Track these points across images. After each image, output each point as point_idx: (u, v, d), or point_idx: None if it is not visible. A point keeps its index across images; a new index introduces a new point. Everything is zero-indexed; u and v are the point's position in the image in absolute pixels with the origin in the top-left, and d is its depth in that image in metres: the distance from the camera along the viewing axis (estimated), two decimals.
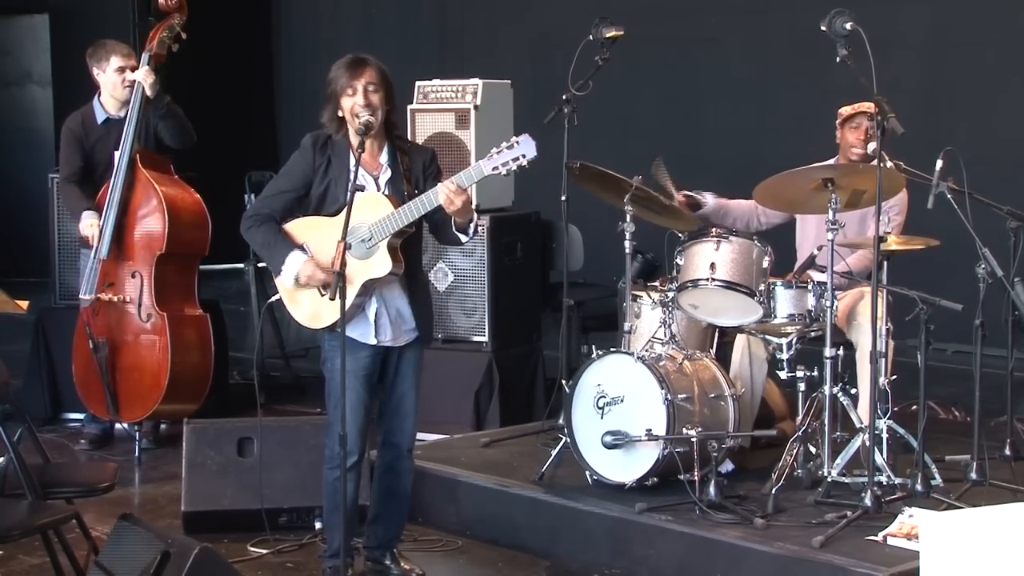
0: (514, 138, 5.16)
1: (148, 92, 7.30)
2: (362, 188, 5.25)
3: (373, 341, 5.38)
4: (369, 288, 5.29)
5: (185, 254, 7.47)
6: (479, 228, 7.38)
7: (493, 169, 5.15)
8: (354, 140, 5.21)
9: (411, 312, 5.40)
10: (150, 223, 7.34)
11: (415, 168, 5.42)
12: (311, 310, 5.38)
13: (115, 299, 7.40)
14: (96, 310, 7.43)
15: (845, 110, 6.70)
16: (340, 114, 5.27)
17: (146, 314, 7.34)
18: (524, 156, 5.12)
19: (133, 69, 7.43)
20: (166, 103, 7.46)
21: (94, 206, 7.44)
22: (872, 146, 6.16)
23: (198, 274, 7.64)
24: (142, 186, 7.35)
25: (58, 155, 7.98)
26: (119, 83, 7.48)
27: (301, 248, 5.28)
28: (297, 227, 5.37)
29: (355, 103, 5.21)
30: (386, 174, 5.37)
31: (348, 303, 5.13)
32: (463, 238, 5.38)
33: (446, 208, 5.09)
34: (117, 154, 7.37)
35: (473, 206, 5.28)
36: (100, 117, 7.59)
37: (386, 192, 5.31)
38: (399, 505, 5.72)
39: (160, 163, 7.50)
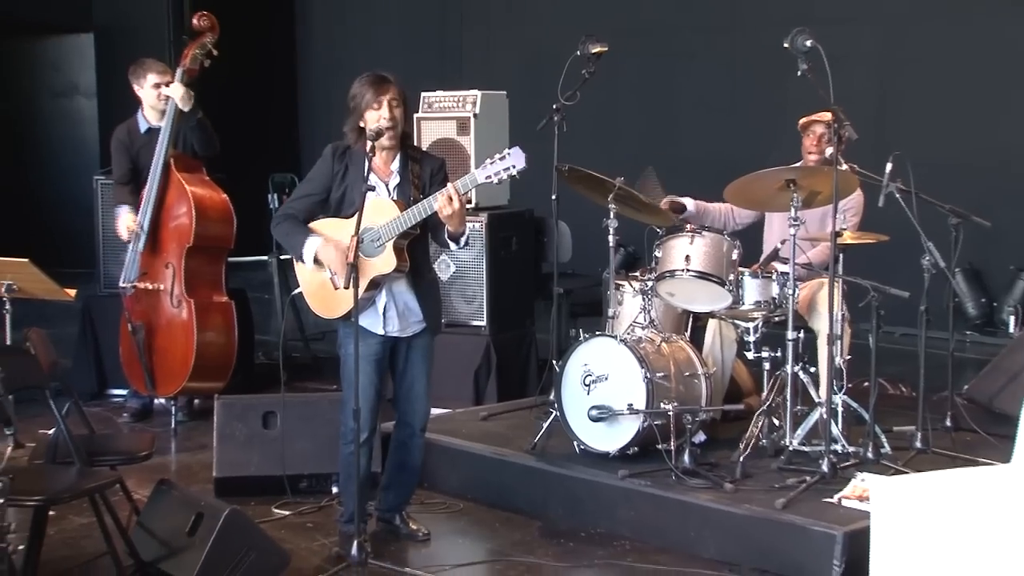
0: (506, 150, 5.16)
1: (181, 106, 7.31)
2: (372, 188, 5.27)
3: (382, 331, 5.39)
4: (378, 283, 5.30)
5: (212, 247, 7.46)
6: (477, 225, 7.46)
7: (486, 178, 5.15)
8: (367, 145, 5.23)
9: (418, 305, 5.40)
10: (180, 219, 7.36)
11: (424, 175, 5.41)
12: (327, 302, 5.41)
13: (150, 287, 7.41)
14: (136, 297, 7.46)
15: (804, 119, 6.72)
16: (361, 125, 5.28)
17: (176, 300, 7.35)
18: (514, 166, 5.12)
19: (168, 84, 7.43)
20: (198, 117, 7.47)
21: (134, 204, 7.48)
22: (829, 151, 6.17)
23: (226, 265, 7.63)
24: (175, 186, 7.37)
25: (102, 160, 8.01)
26: (155, 97, 7.50)
27: (316, 235, 5.31)
28: (319, 226, 5.38)
29: (380, 116, 5.23)
30: (395, 180, 5.38)
31: (359, 295, 5.17)
32: (453, 246, 5.39)
33: (441, 212, 5.08)
34: None
35: (466, 223, 5.26)
36: (143, 127, 7.62)
37: (394, 197, 5.32)
38: (410, 476, 5.75)
39: (192, 166, 7.51)
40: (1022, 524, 4.44)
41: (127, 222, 7.45)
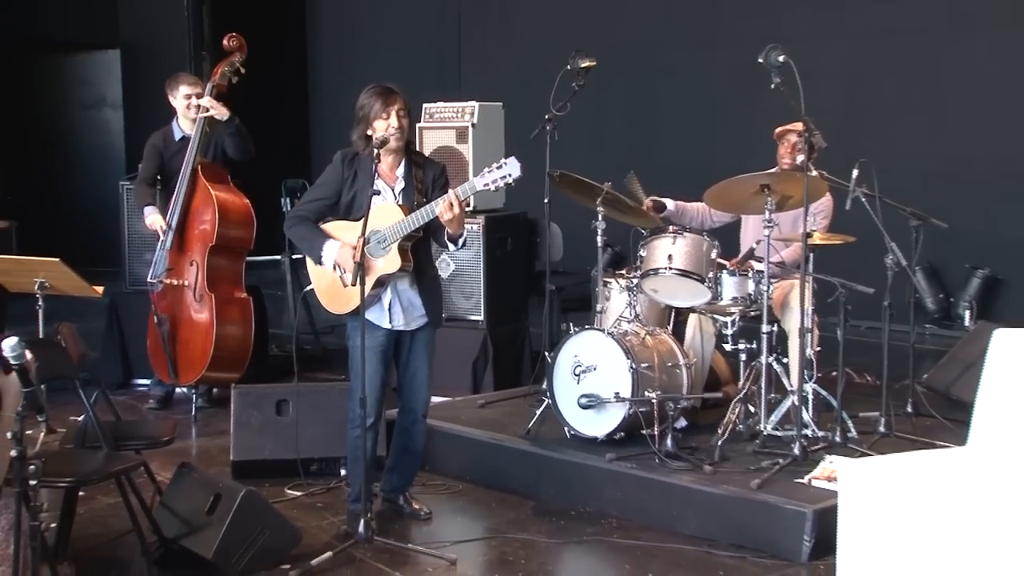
0: (503, 160, 5.17)
1: (217, 116, 7.33)
2: (378, 193, 5.28)
3: (387, 325, 5.40)
4: (384, 281, 5.31)
5: (233, 247, 7.47)
6: (475, 227, 7.45)
7: (484, 185, 5.16)
8: (373, 152, 5.24)
9: (420, 301, 5.41)
10: (205, 221, 7.37)
11: (427, 180, 5.42)
12: (337, 299, 5.41)
13: (176, 282, 7.44)
14: (162, 292, 7.48)
15: (779, 129, 6.72)
16: (369, 133, 5.28)
17: (198, 295, 7.37)
18: (510, 175, 5.13)
19: (199, 96, 7.45)
20: (236, 124, 7.46)
21: (156, 204, 7.49)
22: (800, 158, 6.18)
23: (245, 264, 7.63)
24: (201, 191, 7.39)
25: (128, 167, 8.02)
26: (185, 107, 7.52)
27: (333, 239, 5.32)
28: (330, 228, 5.39)
29: (389, 125, 5.23)
30: (400, 185, 5.38)
31: (366, 292, 5.18)
32: (452, 247, 5.39)
33: (442, 216, 5.08)
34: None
35: (464, 225, 5.26)
36: (177, 135, 7.63)
37: (399, 201, 5.32)
38: (412, 459, 5.75)
39: (218, 173, 7.52)
40: (976, 502, 4.46)
41: (159, 220, 7.45)
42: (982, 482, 4.65)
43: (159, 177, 7.58)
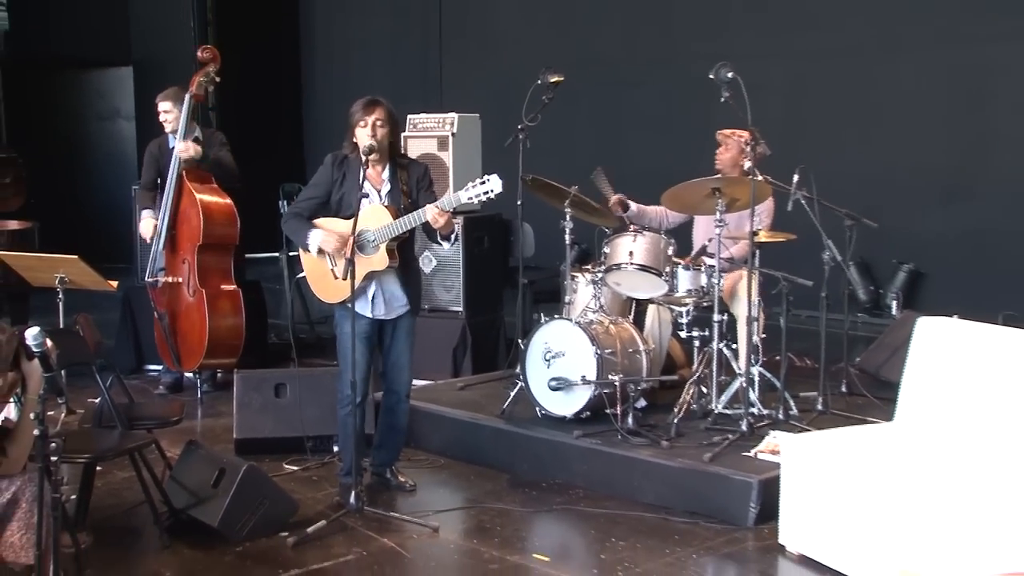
0: (486, 176, 5.18)
1: (195, 157, 7.18)
2: (367, 196, 5.28)
3: (371, 315, 5.41)
4: (371, 276, 5.33)
5: (220, 245, 7.34)
6: (456, 226, 7.41)
7: (468, 199, 5.18)
8: (361, 158, 5.24)
9: (403, 293, 5.42)
10: (191, 222, 7.26)
11: (411, 182, 5.42)
12: (328, 290, 5.41)
13: (171, 280, 7.35)
14: (160, 289, 7.41)
15: (719, 134, 6.73)
16: (355, 140, 5.29)
17: (192, 290, 7.28)
18: (492, 191, 5.16)
19: (167, 111, 7.32)
20: (210, 160, 7.35)
21: (154, 208, 7.42)
22: (747, 164, 6.19)
23: (235, 260, 7.51)
24: (186, 195, 7.27)
25: (139, 173, 7.96)
26: (166, 122, 7.39)
27: (319, 228, 5.34)
28: (322, 223, 5.39)
29: (366, 133, 5.24)
30: (386, 187, 5.38)
31: (357, 285, 5.19)
32: (445, 245, 5.48)
33: (434, 223, 5.12)
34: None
35: (453, 223, 5.28)
36: (171, 143, 7.48)
37: (385, 203, 5.32)
38: (397, 436, 5.76)
39: (202, 176, 7.37)
40: (902, 470, 4.49)
41: (149, 225, 7.40)
42: (907, 453, 4.70)
43: (159, 181, 7.50)
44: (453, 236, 5.42)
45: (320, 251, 5.33)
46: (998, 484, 4.25)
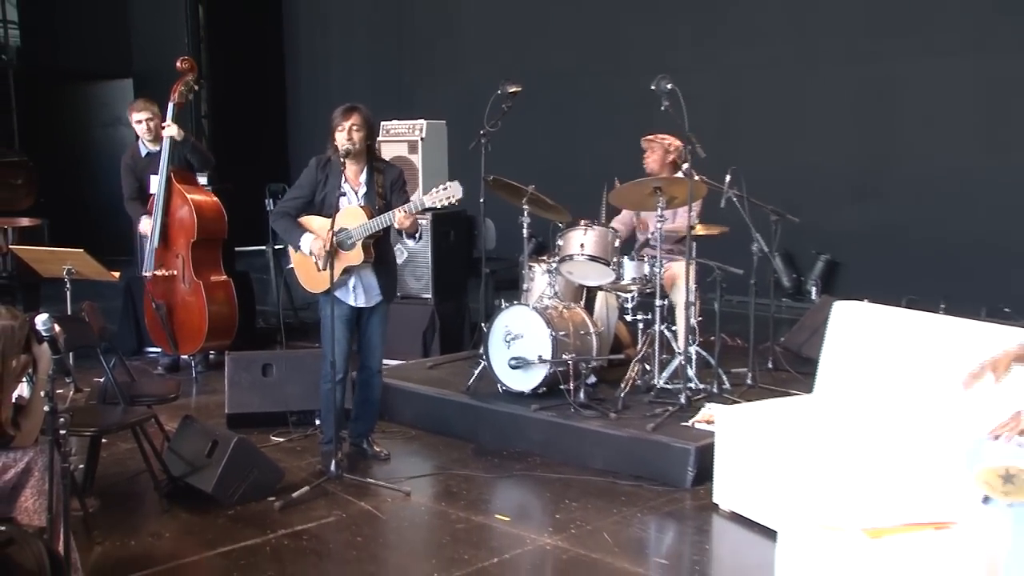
0: (448, 183, 5.15)
1: (177, 137, 7.14)
2: (344, 194, 5.26)
3: (351, 302, 5.41)
4: (350, 270, 5.31)
5: (210, 239, 7.30)
6: (425, 222, 7.42)
7: (432, 203, 5.14)
8: (343, 162, 5.23)
9: (378, 284, 5.41)
10: (183, 219, 7.21)
11: (386, 184, 5.38)
12: (313, 280, 5.40)
13: (166, 273, 7.28)
14: (155, 282, 7.33)
15: (644, 140, 6.74)
16: (336, 143, 5.25)
17: (188, 282, 7.23)
18: (454, 197, 5.13)
19: (148, 119, 7.24)
20: (191, 142, 7.32)
21: (148, 213, 7.32)
22: (686, 166, 6.21)
23: (224, 252, 7.48)
24: (177, 195, 7.21)
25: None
26: (141, 129, 7.31)
27: (309, 231, 5.31)
28: (306, 221, 5.37)
29: (342, 137, 5.21)
30: (363, 189, 5.35)
31: (335, 277, 5.19)
32: (410, 242, 5.47)
33: (400, 224, 5.09)
34: (155, 177, 7.23)
35: (418, 224, 5.27)
36: (143, 151, 7.40)
37: (361, 204, 5.30)
38: (372, 408, 5.75)
39: (188, 178, 7.34)
40: (821, 436, 4.54)
41: (147, 224, 7.30)
42: (825, 421, 4.75)
43: (141, 188, 7.41)
44: (418, 235, 5.40)
45: (309, 252, 5.32)
46: (903, 446, 4.30)
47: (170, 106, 7.21)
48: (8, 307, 3.80)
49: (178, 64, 7.33)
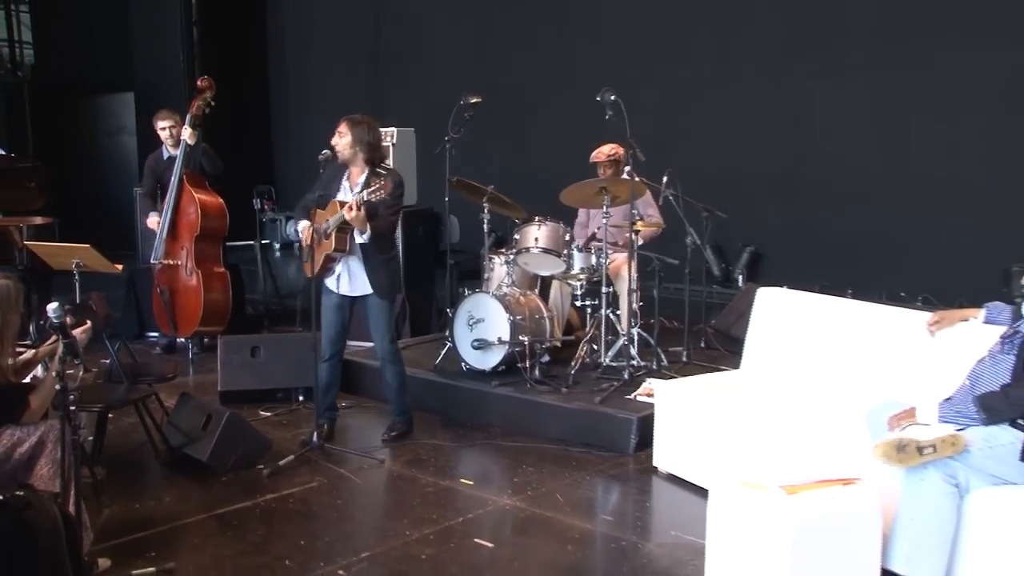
0: (380, 181, 5.00)
1: (190, 142, 7.16)
2: (339, 191, 5.25)
3: (337, 290, 5.37)
4: (334, 257, 5.25)
5: (213, 235, 7.27)
6: (367, 227, 7.36)
7: (368, 197, 4.96)
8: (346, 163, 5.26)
9: (366, 276, 5.27)
10: (190, 216, 7.20)
11: (384, 187, 5.17)
12: (307, 267, 5.30)
13: (171, 262, 7.26)
14: (162, 270, 7.30)
15: (592, 158, 6.73)
16: None
17: (189, 271, 7.19)
18: (383, 190, 4.94)
19: (171, 127, 7.30)
20: (203, 147, 7.31)
21: (158, 209, 7.33)
22: (628, 168, 6.24)
23: (223, 247, 7.42)
24: (187, 194, 7.20)
25: (140, 178, 7.86)
26: (163, 135, 7.37)
27: (309, 219, 5.23)
28: (316, 213, 5.28)
29: (333, 142, 5.21)
30: (358, 189, 5.21)
31: (318, 266, 5.18)
32: (359, 238, 5.17)
33: (347, 218, 4.99)
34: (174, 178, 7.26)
35: (364, 224, 5.06)
36: (165, 155, 7.43)
37: (343, 199, 5.20)
38: (390, 392, 5.58)
39: (198, 180, 7.31)
40: (746, 406, 4.58)
41: (154, 220, 7.31)
42: (750, 393, 4.79)
43: (159, 188, 7.42)
44: (366, 236, 5.14)
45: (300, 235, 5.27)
46: (817, 413, 4.35)
47: (188, 117, 7.22)
48: (2, 272, 3.81)
49: (199, 83, 7.33)
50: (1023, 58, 8.29)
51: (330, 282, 5.34)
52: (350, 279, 5.34)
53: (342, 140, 5.19)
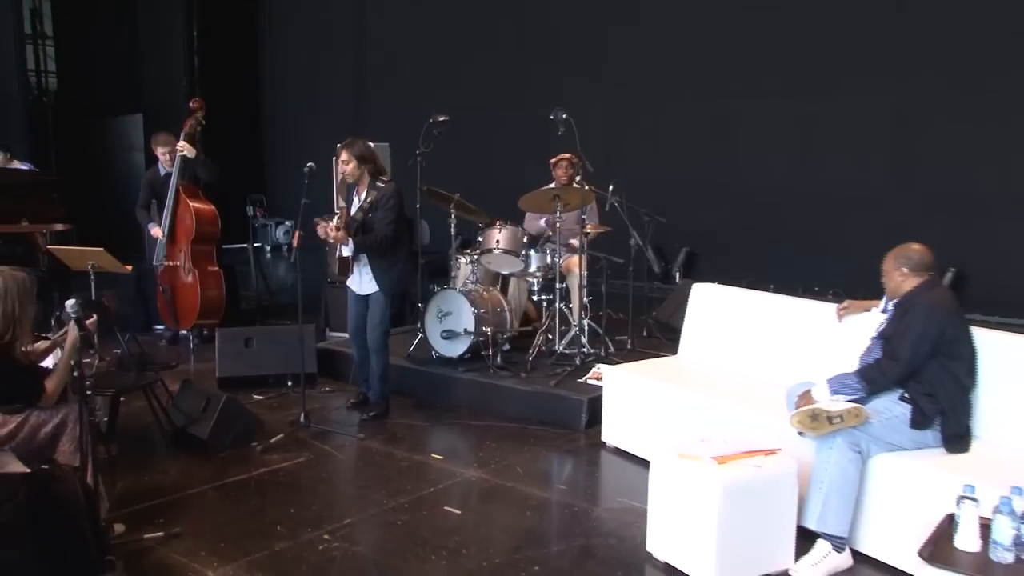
0: (370, 197, 5.05)
1: (189, 156, 7.12)
2: (349, 201, 5.27)
3: (355, 289, 5.40)
4: (357, 262, 5.29)
5: (207, 238, 7.24)
6: (349, 241, 7.32)
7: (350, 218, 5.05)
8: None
9: (373, 276, 5.30)
10: (186, 222, 7.15)
11: (377, 201, 5.20)
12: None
13: (171, 264, 7.21)
14: (164, 271, 7.25)
15: (553, 159, 6.79)
16: None
17: (187, 271, 7.15)
18: (361, 212, 5.04)
19: (168, 152, 7.25)
20: (202, 159, 7.24)
21: (152, 219, 7.31)
22: (578, 177, 6.27)
23: (217, 249, 7.39)
24: (183, 203, 7.16)
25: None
26: (160, 156, 7.33)
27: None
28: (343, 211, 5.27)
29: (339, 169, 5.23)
30: (361, 200, 5.23)
31: (336, 267, 5.30)
32: (344, 249, 5.21)
33: (332, 238, 5.11)
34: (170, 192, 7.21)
35: (347, 239, 5.11)
36: (161, 172, 7.37)
37: (351, 211, 5.23)
38: (371, 375, 5.55)
39: (193, 190, 7.27)
40: (683, 387, 4.63)
41: (156, 228, 7.27)
42: (686, 376, 4.83)
43: (154, 201, 7.39)
44: (348, 248, 5.19)
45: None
46: (744, 392, 4.41)
47: (182, 134, 7.20)
48: (15, 268, 3.79)
49: (191, 104, 7.30)
50: (911, 87, 8.49)
51: (350, 283, 5.39)
52: (360, 280, 5.37)
53: (348, 167, 5.18)
